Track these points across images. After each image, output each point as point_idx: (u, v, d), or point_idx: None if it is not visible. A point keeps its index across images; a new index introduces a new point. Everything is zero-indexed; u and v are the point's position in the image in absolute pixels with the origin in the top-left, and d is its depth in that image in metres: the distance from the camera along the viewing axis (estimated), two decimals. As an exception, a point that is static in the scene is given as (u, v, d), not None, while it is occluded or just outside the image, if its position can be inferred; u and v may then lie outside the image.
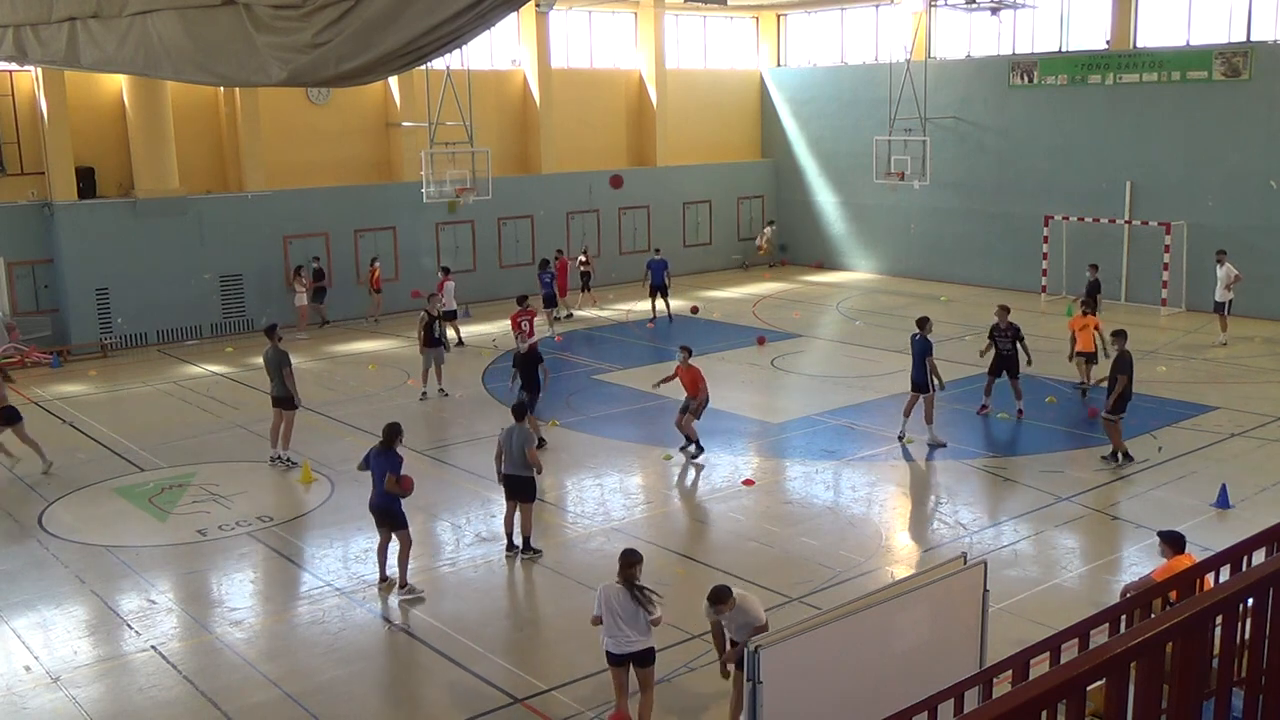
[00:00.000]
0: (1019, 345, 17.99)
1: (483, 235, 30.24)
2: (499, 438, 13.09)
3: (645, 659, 8.93)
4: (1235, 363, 21.93)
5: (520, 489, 12.98)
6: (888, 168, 31.18)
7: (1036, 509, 14.34)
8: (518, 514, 13.17)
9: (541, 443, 16.13)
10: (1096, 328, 19.03)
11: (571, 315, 27.70)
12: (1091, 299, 22.18)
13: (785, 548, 13.36)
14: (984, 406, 18.40)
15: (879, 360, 22.31)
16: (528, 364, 17.05)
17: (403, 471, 12.14)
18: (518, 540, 13.18)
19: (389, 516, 12.22)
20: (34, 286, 24.72)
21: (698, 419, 16.53)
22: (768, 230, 35.39)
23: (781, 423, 18.60)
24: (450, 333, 22.40)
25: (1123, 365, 15.39)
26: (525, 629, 11.57)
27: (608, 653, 8.97)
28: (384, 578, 12.45)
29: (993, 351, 18.18)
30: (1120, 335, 15.88)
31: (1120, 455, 15.76)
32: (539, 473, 13.07)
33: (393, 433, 12.28)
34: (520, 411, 13.36)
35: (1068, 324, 20.27)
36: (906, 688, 6.73)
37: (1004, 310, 18.36)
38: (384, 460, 12.13)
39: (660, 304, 27.08)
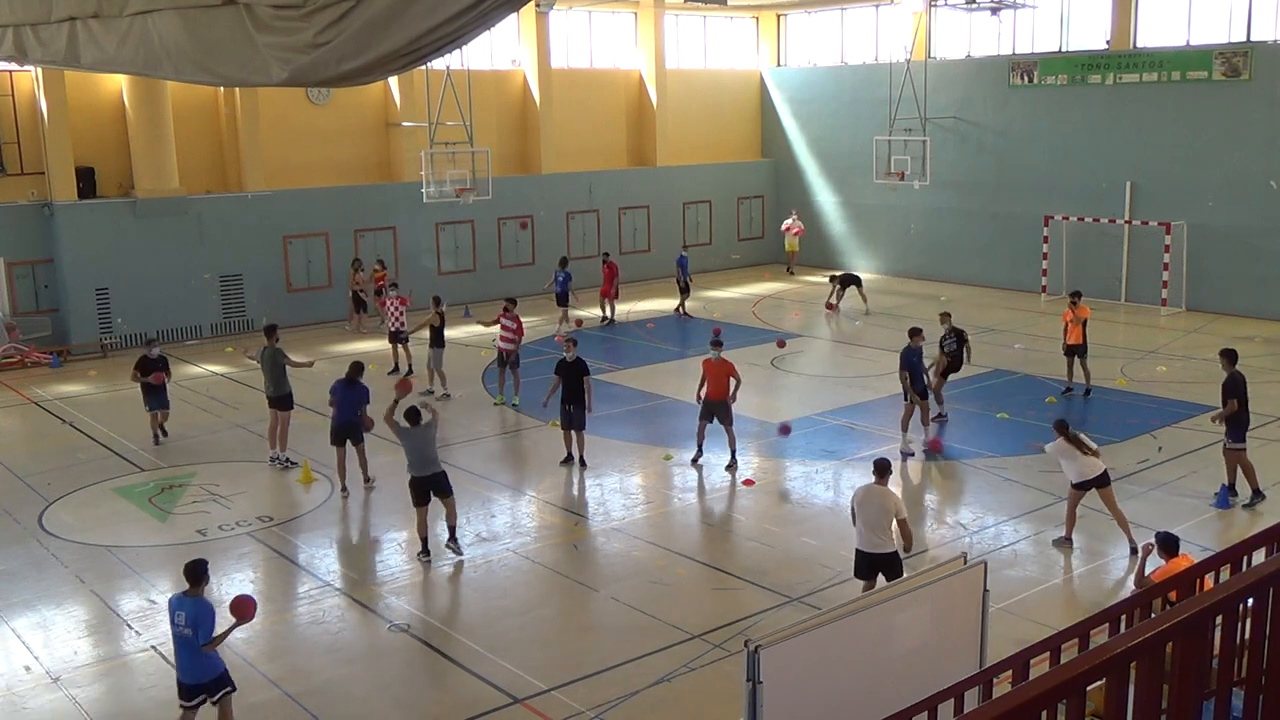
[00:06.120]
0: (963, 348, 18.18)
1: (483, 235, 30.25)
2: (404, 444, 12.87)
3: (1104, 480, 12.72)
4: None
5: (439, 485, 12.92)
6: (888, 168, 31.16)
7: (1036, 509, 14.35)
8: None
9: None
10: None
11: (613, 322, 27.02)
12: (844, 284, 23.20)
13: (785, 548, 13.36)
14: (941, 414, 18.10)
15: (879, 360, 22.27)
16: (572, 373, 15.88)
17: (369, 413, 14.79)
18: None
19: (352, 431, 15.03)
20: (34, 286, 24.68)
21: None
22: (795, 221, 34.06)
23: (781, 423, 18.55)
24: (402, 353, 21.60)
25: (1233, 388, 14.06)
26: (525, 629, 11.55)
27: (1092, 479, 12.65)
28: (344, 488, 15.10)
29: (942, 358, 18.11)
30: (1227, 355, 14.43)
31: (1254, 492, 14.16)
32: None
33: (359, 368, 15.05)
34: (416, 414, 12.92)
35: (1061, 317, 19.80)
36: (907, 688, 6.73)
37: (946, 316, 18.75)
38: (350, 391, 14.65)
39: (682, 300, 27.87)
